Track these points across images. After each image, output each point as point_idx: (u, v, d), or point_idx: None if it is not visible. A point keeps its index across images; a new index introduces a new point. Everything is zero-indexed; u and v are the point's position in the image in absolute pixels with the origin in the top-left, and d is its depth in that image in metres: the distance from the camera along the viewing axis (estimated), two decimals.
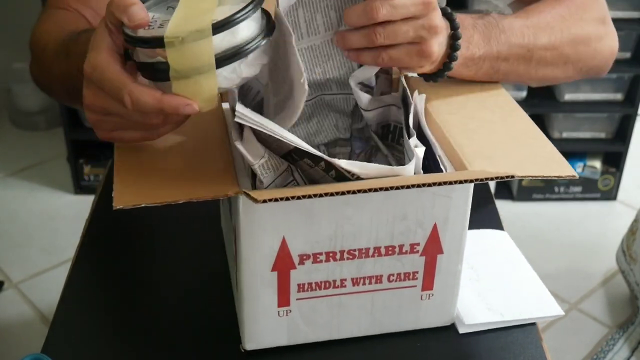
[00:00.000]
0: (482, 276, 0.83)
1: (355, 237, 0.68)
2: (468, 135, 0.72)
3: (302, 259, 0.68)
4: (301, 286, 0.69)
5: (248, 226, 0.66)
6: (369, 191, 0.62)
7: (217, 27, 0.60)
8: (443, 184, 0.63)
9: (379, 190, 0.63)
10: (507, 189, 2.24)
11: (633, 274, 1.78)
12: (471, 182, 0.64)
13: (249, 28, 0.63)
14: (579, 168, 2.20)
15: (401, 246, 0.69)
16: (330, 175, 0.66)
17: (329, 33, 0.73)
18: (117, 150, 0.70)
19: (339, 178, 0.65)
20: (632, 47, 2.08)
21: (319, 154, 0.64)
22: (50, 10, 0.93)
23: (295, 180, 0.69)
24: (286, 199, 0.60)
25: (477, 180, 0.64)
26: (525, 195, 2.22)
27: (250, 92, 0.76)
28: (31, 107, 2.48)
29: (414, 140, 0.68)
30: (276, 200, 0.60)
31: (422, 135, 0.72)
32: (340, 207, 0.66)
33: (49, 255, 1.98)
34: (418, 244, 0.69)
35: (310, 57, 0.74)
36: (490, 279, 0.83)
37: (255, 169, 0.65)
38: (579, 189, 2.22)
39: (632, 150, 2.19)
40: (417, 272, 0.71)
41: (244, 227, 0.66)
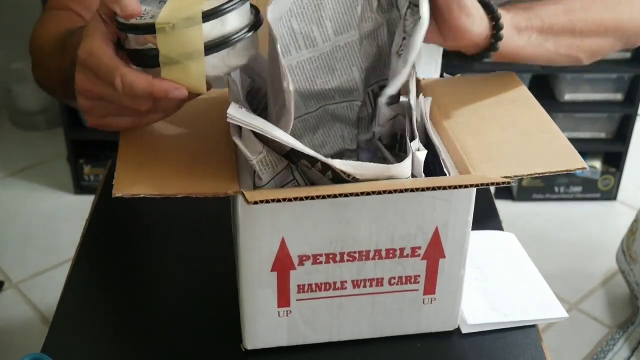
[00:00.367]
0: (487, 276, 0.83)
1: (355, 239, 0.68)
2: (475, 137, 0.71)
3: (302, 259, 0.68)
4: (301, 287, 0.69)
5: (247, 226, 0.66)
6: (367, 194, 0.62)
7: (206, 15, 0.63)
8: (440, 189, 0.63)
9: (378, 193, 0.63)
10: (507, 189, 2.24)
11: (633, 274, 1.78)
12: (466, 187, 0.64)
13: (237, 19, 0.65)
14: None
15: (402, 249, 0.69)
16: (327, 177, 0.66)
17: (327, 44, 0.73)
18: (122, 141, 0.71)
19: (336, 180, 0.65)
20: None
21: (313, 153, 0.64)
22: (49, 12, 0.94)
23: (295, 179, 0.69)
24: (278, 201, 0.61)
25: (473, 186, 0.63)
26: (525, 195, 2.22)
27: (259, 92, 0.77)
28: (31, 107, 2.48)
29: (415, 143, 0.68)
30: (268, 201, 0.60)
31: (428, 139, 0.72)
32: (339, 209, 0.66)
33: (49, 255, 1.98)
34: (419, 247, 0.69)
35: (310, 69, 0.74)
36: (496, 279, 0.83)
37: (254, 164, 0.65)
38: (579, 189, 2.23)
39: (632, 150, 2.19)
40: (419, 276, 0.71)
41: (243, 227, 0.66)
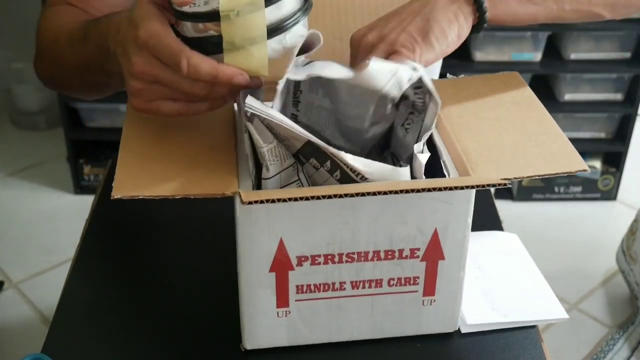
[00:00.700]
0: (488, 276, 0.83)
1: (354, 240, 0.68)
2: (476, 138, 0.71)
3: (300, 260, 0.68)
4: (300, 288, 0.69)
5: (245, 226, 0.66)
6: (365, 195, 0.62)
7: (266, 1, 0.64)
8: (436, 190, 0.63)
9: (376, 194, 0.63)
10: (507, 189, 2.24)
11: (633, 274, 1.78)
12: (462, 188, 0.64)
13: (292, 2, 0.66)
14: None
15: (401, 251, 0.69)
16: (334, 177, 0.66)
17: (339, 114, 0.75)
18: (123, 143, 0.71)
19: (343, 180, 0.65)
20: (632, 47, 2.08)
21: (325, 146, 0.64)
22: (51, 8, 0.94)
23: (299, 180, 0.69)
24: (273, 201, 0.61)
25: (469, 187, 0.63)
26: (525, 195, 2.22)
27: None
28: (31, 107, 2.48)
29: (419, 146, 0.68)
30: (263, 202, 0.61)
31: (430, 140, 0.72)
32: (337, 210, 0.66)
33: (49, 255, 1.98)
34: (418, 249, 0.69)
35: (325, 117, 0.75)
36: (497, 279, 0.83)
37: (264, 152, 0.66)
38: (579, 189, 2.22)
39: (632, 150, 2.19)
40: (418, 278, 0.71)
41: (241, 227, 0.66)
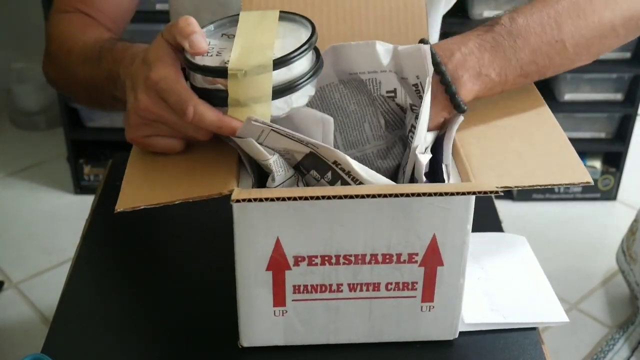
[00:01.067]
0: (491, 277, 0.82)
1: (350, 242, 0.67)
2: (481, 145, 0.71)
3: (297, 260, 0.68)
4: (297, 288, 0.69)
5: (242, 225, 0.66)
6: (360, 197, 0.62)
7: (277, 63, 0.65)
8: (426, 195, 0.62)
9: (372, 197, 0.63)
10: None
11: (633, 274, 1.78)
12: (452, 195, 0.64)
13: (302, 64, 0.67)
14: None
15: (399, 255, 0.68)
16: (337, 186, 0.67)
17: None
18: (132, 154, 0.73)
19: None
20: (632, 47, 2.08)
21: (331, 150, 0.65)
22: (64, 15, 0.96)
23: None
24: (260, 200, 0.61)
25: (460, 194, 0.63)
26: (525, 195, 2.22)
27: None
28: (31, 107, 2.48)
29: (421, 147, 0.68)
30: (250, 200, 0.61)
31: (437, 142, 0.73)
32: (333, 212, 0.66)
33: (49, 255, 1.98)
34: (416, 254, 0.68)
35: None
36: (499, 280, 0.82)
37: (270, 163, 0.67)
38: (579, 189, 2.23)
39: (632, 150, 2.19)
40: (417, 283, 0.70)
41: (238, 225, 0.66)
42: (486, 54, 0.73)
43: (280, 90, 0.66)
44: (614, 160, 2.21)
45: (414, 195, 0.62)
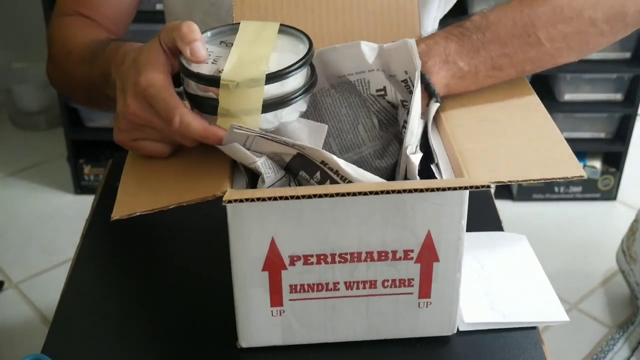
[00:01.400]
0: (491, 276, 0.82)
1: (345, 240, 0.67)
2: (474, 140, 0.71)
3: (293, 260, 0.68)
4: (293, 287, 0.69)
5: (236, 225, 0.66)
6: (353, 194, 0.63)
7: (270, 78, 0.65)
8: (418, 191, 0.63)
9: (364, 194, 0.63)
10: (507, 189, 2.24)
11: (633, 274, 1.78)
12: (444, 190, 0.64)
13: (296, 80, 0.68)
14: None
15: (394, 252, 0.68)
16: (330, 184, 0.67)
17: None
18: (128, 160, 0.73)
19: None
20: (632, 47, 2.08)
21: (317, 150, 0.64)
22: (61, 18, 0.96)
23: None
24: (252, 200, 0.61)
25: (451, 189, 0.63)
26: (525, 195, 2.22)
27: None
28: (31, 107, 2.48)
29: (412, 147, 0.68)
30: (242, 201, 0.61)
31: (427, 141, 0.73)
32: (327, 210, 0.66)
33: (49, 255, 1.98)
34: (412, 250, 0.68)
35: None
36: (499, 279, 0.82)
37: (258, 165, 0.66)
38: (579, 189, 2.23)
39: (632, 150, 2.19)
40: (413, 280, 0.70)
41: (232, 226, 0.66)
42: (452, 44, 0.75)
43: (272, 104, 0.66)
44: (614, 160, 2.21)
45: (408, 191, 0.62)
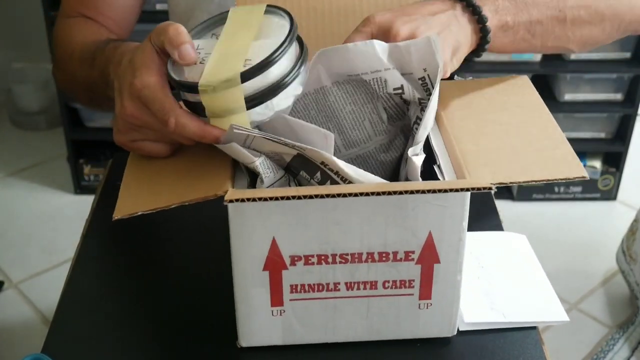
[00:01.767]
0: (491, 276, 0.82)
1: (347, 241, 0.67)
2: (476, 141, 0.71)
3: (294, 260, 0.68)
4: (294, 287, 0.69)
5: (237, 225, 0.66)
6: (355, 195, 0.62)
7: (247, 75, 0.64)
8: (427, 192, 0.63)
9: (366, 195, 0.63)
10: (507, 189, 2.24)
11: (633, 274, 1.78)
12: (448, 191, 0.63)
13: (280, 66, 0.66)
14: None
15: (395, 253, 0.68)
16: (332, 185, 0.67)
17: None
18: (130, 159, 0.74)
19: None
20: (632, 47, 2.08)
21: (317, 151, 0.64)
22: (68, 20, 0.97)
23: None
24: (254, 200, 0.61)
25: (453, 191, 0.63)
26: (525, 195, 2.22)
27: None
28: (31, 107, 2.48)
29: (416, 149, 0.68)
30: (243, 200, 0.61)
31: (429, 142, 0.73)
32: (329, 211, 0.66)
33: (49, 255, 1.98)
34: (413, 251, 0.68)
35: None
36: (499, 279, 0.82)
37: (257, 165, 0.66)
38: (579, 189, 2.23)
39: (632, 150, 2.19)
40: (414, 281, 0.70)
41: (233, 226, 0.66)
42: (501, 0, 0.78)
43: (257, 98, 0.65)
44: (614, 160, 2.21)
45: (409, 192, 0.62)
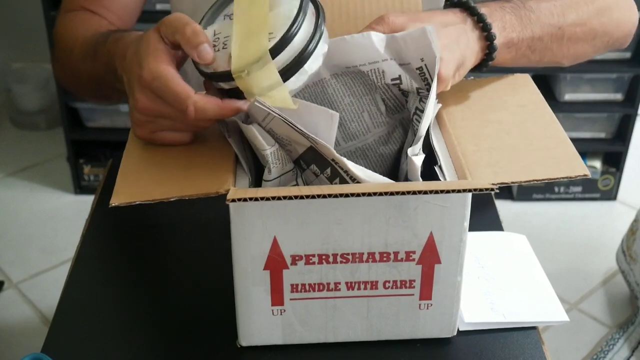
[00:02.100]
0: (491, 276, 0.82)
1: (348, 241, 0.67)
2: (477, 141, 0.71)
3: (295, 259, 0.68)
4: (294, 286, 0.69)
5: (238, 224, 0.66)
6: (357, 195, 0.62)
7: (275, 51, 0.65)
8: (429, 193, 0.63)
9: (369, 195, 0.63)
10: (507, 189, 2.24)
11: (633, 274, 1.78)
12: (450, 192, 0.64)
13: (302, 33, 0.66)
14: None
15: (396, 253, 0.68)
16: (334, 185, 0.66)
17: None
18: (127, 150, 0.73)
19: None
20: (632, 47, 2.08)
21: (329, 149, 0.64)
22: (69, 14, 0.97)
23: (297, 185, 0.70)
24: (256, 199, 0.61)
25: (455, 191, 0.63)
26: (525, 195, 2.22)
27: None
28: (31, 107, 2.48)
29: (416, 149, 0.68)
30: (245, 200, 0.61)
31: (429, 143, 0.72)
32: (330, 210, 0.66)
33: (49, 255, 1.98)
34: (414, 252, 0.68)
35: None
36: (499, 279, 0.82)
37: (267, 154, 0.67)
38: (579, 188, 2.22)
39: (632, 150, 2.19)
40: (414, 281, 0.70)
41: (234, 225, 0.66)
42: (507, 15, 0.79)
43: (290, 68, 0.66)
44: (614, 160, 2.21)
45: (410, 193, 0.62)
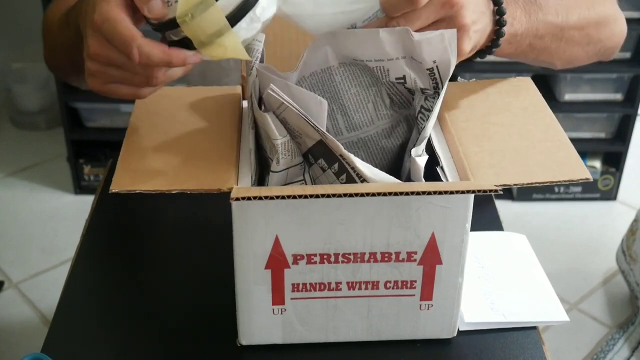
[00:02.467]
0: (491, 276, 0.83)
1: (350, 241, 0.67)
2: (480, 143, 0.71)
3: (296, 258, 0.68)
4: (295, 286, 0.69)
5: (241, 223, 0.66)
6: (360, 195, 0.62)
7: None
8: (432, 193, 0.62)
9: (372, 195, 0.63)
10: (508, 189, 2.25)
11: (633, 274, 1.78)
12: (452, 193, 0.63)
13: None
14: None
15: (397, 253, 0.68)
16: (340, 180, 0.66)
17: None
18: (129, 133, 0.72)
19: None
20: (632, 47, 2.08)
21: (337, 145, 0.64)
22: (56, 3, 0.96)
23: (304, 180, 0.70)
24: (260, 199, 0.61)
25: (459, 192, 0.63)
26: (525, 195, 2.22)
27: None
28: (31, 107, 2.48)
29: (418, 150, 0.68)
30: (250, 198, 0.61)
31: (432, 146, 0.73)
32: (332, 210, 0.66)
33: (49, 255, 1.98)
34: (415, 252, 0.69)
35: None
36: (499, 279, 0.82)
37: (278, 144, 0.66)
38: (579, 188, 2.23)
39: (632, 150, 2.19)
40: (415, 282, 0.70)
41: (236, 224, 0.66)
42: (518, 11, 0.79)
43: (237, 13, 0.64)
44: (614, 160, 2.21)
45: (413, 194, 0.62)
